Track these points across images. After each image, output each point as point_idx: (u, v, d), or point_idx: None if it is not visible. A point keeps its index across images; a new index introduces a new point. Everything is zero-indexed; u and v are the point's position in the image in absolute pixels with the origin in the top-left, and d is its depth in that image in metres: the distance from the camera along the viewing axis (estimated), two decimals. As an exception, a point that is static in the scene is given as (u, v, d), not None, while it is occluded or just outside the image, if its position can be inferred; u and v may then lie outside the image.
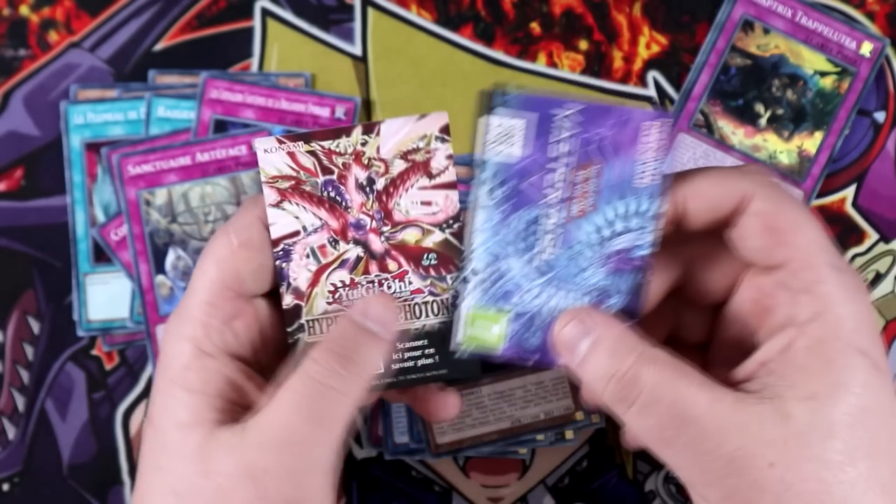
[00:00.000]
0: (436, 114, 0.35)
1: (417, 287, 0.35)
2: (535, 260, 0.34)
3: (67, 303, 0.49)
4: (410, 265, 0.36)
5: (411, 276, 0.35)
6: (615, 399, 0.32)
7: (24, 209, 0.49)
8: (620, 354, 0.32)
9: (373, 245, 0.36)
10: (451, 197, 0.35)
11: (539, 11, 0.50)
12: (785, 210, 0.33)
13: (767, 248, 0.33)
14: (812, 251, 0.32)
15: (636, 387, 0.32)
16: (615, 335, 0.33)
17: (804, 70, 0.49)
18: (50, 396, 0.49)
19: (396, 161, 0.35)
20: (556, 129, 0.33)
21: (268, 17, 0.50)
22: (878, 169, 0.50)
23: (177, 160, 0.47)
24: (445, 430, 0.39)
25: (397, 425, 0.43)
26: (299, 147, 0.35)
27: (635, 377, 0.32)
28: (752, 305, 0.34)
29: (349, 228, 0.35)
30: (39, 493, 0.48)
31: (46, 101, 0.49)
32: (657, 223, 0.33)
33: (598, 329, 0.33)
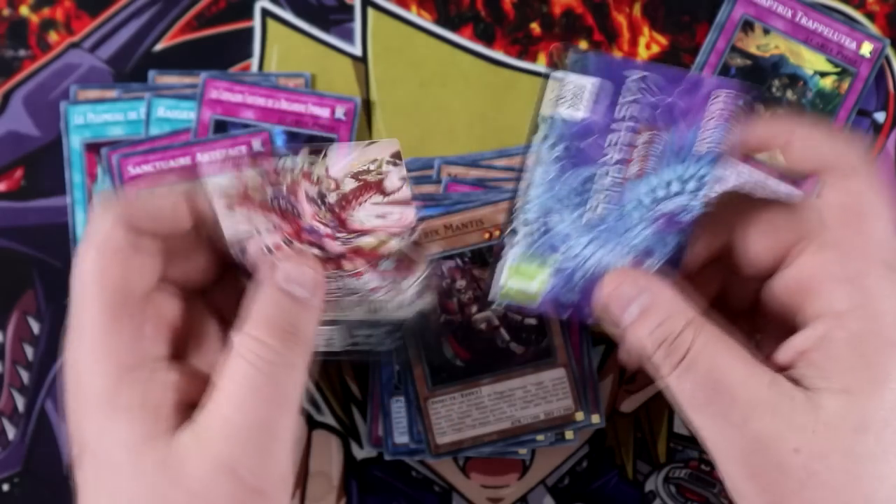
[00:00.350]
0: (386, 141, 0.34)
1: (375, 286, 0.35)
2: (586, 216, 0.34)
3: (67, 303, 0.49)
4: (367, 267, 0.35)
5: (368, 276, 0.35)
6: (661, 360, 0.33)
7: (24, 209, 0.49)
8: (672, 320, 0.33)
9: (328, 246, 0.34)
10: (408, 211, 0.34)
11: (539, 12, 0.50)
12: (858, 195, 0.33)
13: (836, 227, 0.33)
14: (868, 242, 0.32)
15: (680, 352, 0.32)
16: (667, 300, 0.33)
17: (804, 70, 0.49)
18: (50, 397, 0.49)
19: (347, 180, 0.34)
20: (624, 92, 0.33)
21: (268, 18, 0.50)
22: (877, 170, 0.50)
23: (177, 160, 0.47)
24: (445, 430, 0.39)
25: (397, 426, 0.43)
26: (245, 170, 0.34)
27: (682, 343, 0.32)
28: (796, 285, 0.34)
29: (303, 232, 0.34)
30: (39, 493, 0.48)
31: (46, 102, 0.49)
32: (710, 188, 0.33)
33: (652, 292, 0.33)
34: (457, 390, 0.39)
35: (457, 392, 0.39)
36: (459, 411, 0.39)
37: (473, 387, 0.39)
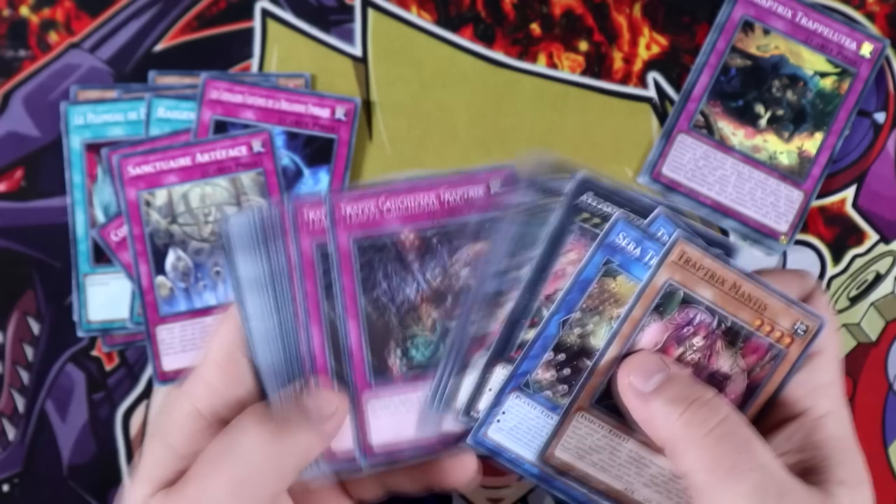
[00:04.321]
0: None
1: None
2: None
3: (67, 303, 0.49)
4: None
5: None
6: (694, 421, 0.33)
7: (24, 210, 0.49)
8: (701, 387, 0.35)
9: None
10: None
11: (539, 12, 0.50)
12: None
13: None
14: (830, 355, 0.36)
15: (718, 414, 0.34)
16: (687, 375, 0.35)
17: (804, 71, 0.49)
18: (50, 397, 0.49)
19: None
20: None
21: (268, 18, 0.50)
22: (878, 170, 0.50)
23: (177, 161, 0.47)
24: (570, 448, 0.36)
25: (517, 426, 0.38)
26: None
27: (719, 407, 0.34)
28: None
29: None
30: (39, 493, 0.48)
31: (46, 102, 0.49)
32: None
33: (672, 367, 0.35)
34: (610, 424, 0.36)
35: (608, 426, 0.36)
36: (594, 442, 0.36)
37: (625, 433, 0.36)
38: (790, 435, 0.36)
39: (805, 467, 0.35)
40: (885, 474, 0.49)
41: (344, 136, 0.49)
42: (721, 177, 0.48)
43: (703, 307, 0.35)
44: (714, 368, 0.36)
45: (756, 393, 0.36)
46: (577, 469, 0.36)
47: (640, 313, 0.35)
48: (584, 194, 0.35)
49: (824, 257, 0.49)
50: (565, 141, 0.50)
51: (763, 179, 0.48)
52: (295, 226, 0.35)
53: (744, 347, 0.36)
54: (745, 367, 0.36)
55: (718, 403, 0.34)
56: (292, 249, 0.35)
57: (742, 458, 0.33)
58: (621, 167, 0.49)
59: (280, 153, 0.48)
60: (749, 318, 0.35)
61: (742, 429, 0.34)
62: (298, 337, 0.36)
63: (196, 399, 0.35)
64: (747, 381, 0.36)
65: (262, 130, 0.48)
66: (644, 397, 0.34)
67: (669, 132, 0.49)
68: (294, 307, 0.35)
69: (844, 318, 0.49)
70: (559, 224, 0.35)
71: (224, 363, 0.35)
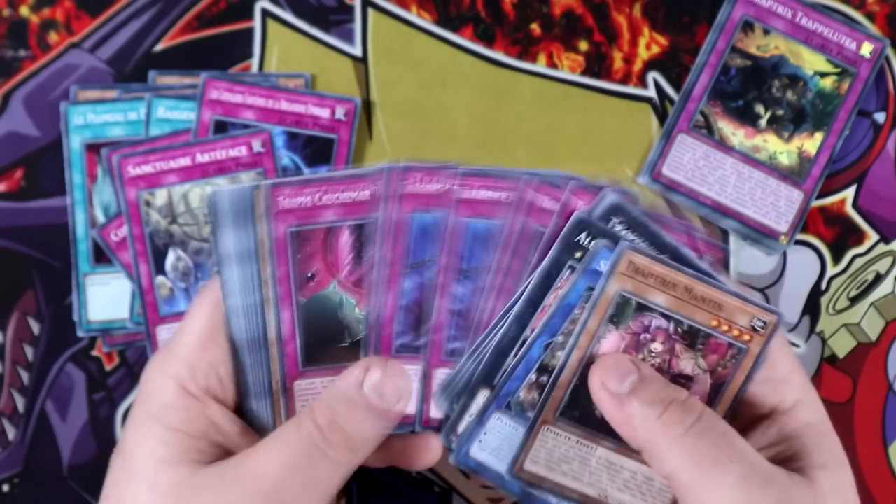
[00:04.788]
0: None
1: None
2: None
3: (67, 303, 0.49)
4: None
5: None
6: (672, 421, 0.34)
7: (24, 210, 0.49)
8: (675, 388, 0.35)
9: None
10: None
11: (539, 12, 0.50)
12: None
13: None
14: (778, 345, 0.37)
15: (694, 412, 0.34)
16: (659, 375, 0.36)
17: (804, 71, 0.49)
18: (50, 397, 0.49)
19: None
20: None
21: (268, 18, 0.50)
22: (878, 170, 0.50)
23: (177, 161, 0.47)
24: (539, 460, 0.37)
25: (486, 438, 0.39)
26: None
27: (694, 405, 0.34)
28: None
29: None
30: (39, 493, 0.48)
31: (46, 102, 0.49)
32: None
33: (644, 368, 0.35)
34: (577, 435, 0.37)
35: (576, 436, 0.37)
36: (563, 453, 0.37)
37: (593, 441, 0.37)
38: (765, 430, 0.36)
39: (784, 457, 0.35)
40: (885, 474, 0.49)
41: (344, 136, 0.49)
42: (721, 177, 0.48)
43: (658, 313, 0.36)
44: (677, 371, 0.36)
45: (722, 390, 0.37)
46: (548, 480, 0.37)
47: (595, 324, 0.36)
48: (580, 234, 0.36)
49: (824, 257, 0.49)
50: (565, 141, 0.50)
51: (763, 179, 0.48)
52: (268, 210, 0.36)
53: (704, 348, 0.36)
54: (708, 366, 0.36)
55: (693, 402, 0.35)
56: (264, 231, 0.36)
57: (723, 451, 0.33)
58: (621, 167, 0.49)
59: (280, 153, 0.48)
60: (705, 320, 0.36)
61: (718, 423, 0.34)
62: (268, 315, 0.36)
63: (181, 379, 0.35)
64: (711, 381, 0.36)
65: (262, 130, 0.48)
66: (620, 399, 0.35)
67: (669, 132, 0.49)
68: (269, 287, 0.36)
69: (844, 318, 0.49)
70: (553, 261, 0.36)
71: (204, 343, 0.36)
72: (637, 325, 0.36)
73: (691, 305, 0.36)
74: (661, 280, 0.35)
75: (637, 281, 0.35)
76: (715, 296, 0.36)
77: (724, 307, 0.36)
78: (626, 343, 0.36)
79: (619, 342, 0.36)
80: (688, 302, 0.36)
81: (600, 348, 0.36)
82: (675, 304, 0.36)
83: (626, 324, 0.36)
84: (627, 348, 0.36)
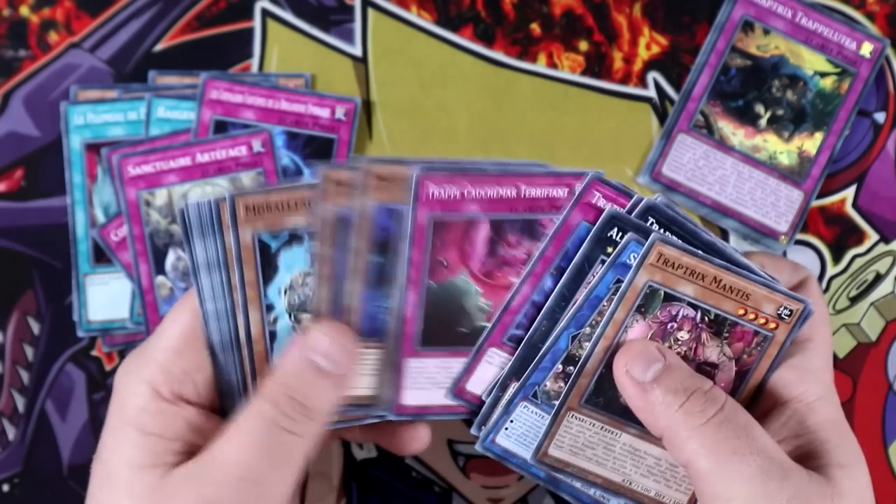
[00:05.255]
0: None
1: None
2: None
3: (67, 303, 0.49)
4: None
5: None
6: (694, 410, 0.34)
7: (24, 209, 0.49)
8: (699, 377, 0.35)
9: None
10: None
11: (539, 12, 0.50)
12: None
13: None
14: (820, 341, 0.37)
15: (717, 403, 0.34)
16: (685, 365, 0.36)
17: (804, 71, 0.49)
18: (50, 397, 0.49)
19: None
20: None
21: (268, 18, 0.50)
22: (878, 170, 0.50)
23: (177, 161, 0.47)
24: (563, 446, 0.37)
25: (512, 425, 0.39)
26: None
27: (718, 395, 0.34)
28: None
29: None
30: (39, 493, 0.48)
31: (46, 102, 0.49)
32: None
33: (670, 356, 0.35)
34: (602, 421, 0.37)
35: (601, 422, 0.37)
36: (587, 439, 0.37)
37: (617, 427, 0.37)
38: (785, 421, 0.36)
39: (802, 453, 0.35)
40: (885, 474, 0.49)
41: (344, 136, 0.49)
42: (721, 177, 0.48)
43: (686, 303, 0.36)
44: (702, 359, 0.36)
45: (747, 377, 0.37)
46: (573, 465, 0.37)
47: (623, 315, 0.36)
48: (612, 229, 0.36)
49: (824, 257, 0.49)
50: (565, 141, 0.50)
51: (763, 179, 0.48)
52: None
53: (730, 336, 0.36)
54: (733, 354, 0.37)
55: (716, 393, 0.35)
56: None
57: (743, 443, 0.33)
58: (621, 167, 0.49)
59: (280, 153, 0.48)
60: (732, 308, 0.36)
61: (740, 415, 0.34)
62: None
63: (155, 384, 0.35)
64: (736, 368, 0.36)
65: (262, 130, 0.48)
66: (642, 387, 0.35)
67: (669, 132, 0.49)
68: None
69: (844, 318, 0.49)
70: (585, 255, 0.36)
71: (181, 349, 0.36)
72: (664, 315, 0.36)
73: (719, 295, 0.36)
74: (691, 271, 0.35)
75: (666, 272, 0.35)
76: (743, 285, 0.36)
77: (751, 296, 0.36)
78: (652, 332, 0.36)
79: (646, 331, 0.36)
80: (715, 291, 0.36)
81: (626, 337, 0.36)
82: (702, 294, 0.36)
83: (654, 313, 0.36)
84: (654, 337, 0.36)
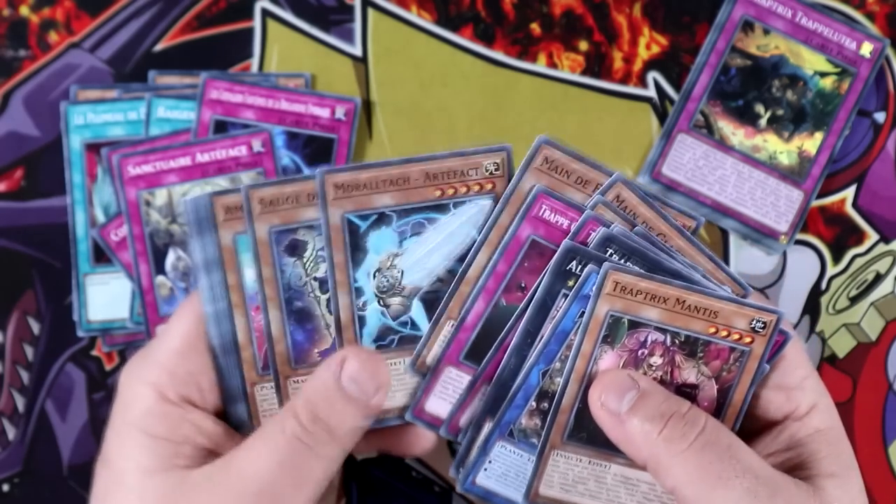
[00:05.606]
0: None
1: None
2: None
3: (67, 303, 0.49)
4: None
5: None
6: (674, 436, 0.33)
7: (24, 209, 0.49)
8: (675, 400, 0.35)
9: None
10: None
11: (539, 12, 0.50)
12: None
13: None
14: (794, 352, 0.37)
15: (697, 426, 0.34)
16: (660, 389, 0.35)
17: (804, 71, 0.49)
18: (50, 397, 0.49)
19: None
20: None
21: (268, 18, 0.50)
22: (878, 169, 0.50)
23: (177, 161, 0.47)
24: (554, 484, 0.36)
25: (491, 465, 0.39)
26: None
27: (697, 417, 0.34)
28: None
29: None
30: (39, 493, 0.48)
31: (46, 102, 0.49)
32: None
33: (644, 382, 0.35)
34: (588, 454, 0.36)
35: (587, 456, 0.36)
36: (577, 474, 0.36)
37: (605, 459, 0.36)
38: (776, 436, 0.36)
39: (793, 465, 0.35)
40: (885, 474, 0.49)
41: (344, 136, 0.49)
42: (721, 177, 0.48)
43: (653, 327, 0.35)
44: (680, 381, 0.36)
45: (730, 394, 0.36)
46: (566, 502, 0.37)
47: (590, 347, 0.35)
48: (571, 262, 0.35)
49: (824, 257, 0.49)
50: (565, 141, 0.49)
51: (763, 179, 0.48)
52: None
53: (705, 355, 0.36)
54: (712, 373, 0.36)
55: (696, 414, 0.34)
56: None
57: (727, 466, 0.33)
58: (621, 167, 0.49)
59: (280, 153, 0.48)
60: (702, 328, 0.35)
61: (723, 436, 0.34)
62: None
63: (160, 386, 0.35)
64: (717, 385, 0.36)
65: (262, 130, 0.48)
66: (619, 418, 0.34)
67: (669, 132, 0.49)
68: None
69: (844, 318, 0.49)
70: (546, 291, 0.36)
71: (186, 351, 0.35)
72: (633, 342, 0.35)
73: (686, 316, 0.35)
74: (651, 295, 0.35)
75: (626, 299, 0.35)
76: (709, 303, 0.35)
77: (719, 313, 0.35)
78: (623, 360, 0.36)
79: (617, 360, 0.36)
80: (681, 313, 0.35)
81: (598, 369, 0.36)
82: (668, 317, 0.35)
83: (622, 342, 0.35)
84: (626, 365, 0.36)
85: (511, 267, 0.36)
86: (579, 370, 0.35)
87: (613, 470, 0.36)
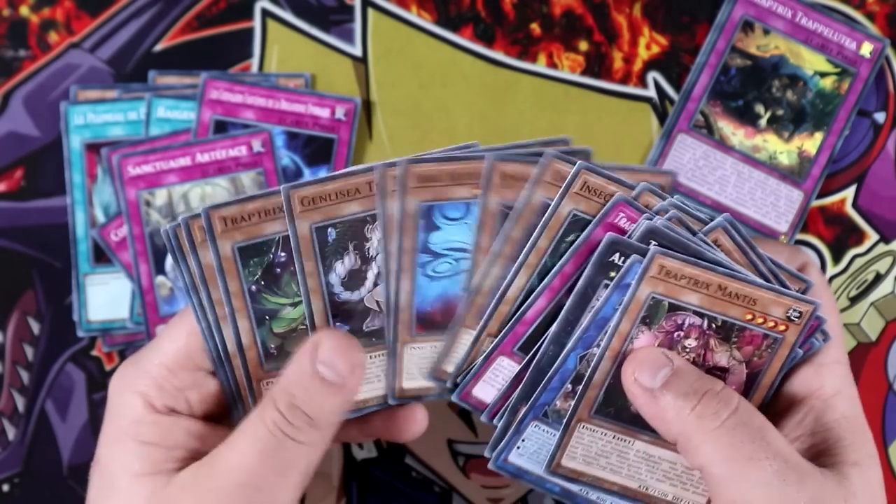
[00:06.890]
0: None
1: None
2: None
3: (67, 303, 0.49)
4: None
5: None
6: (706, 413, 0.33)
7: (24, 209, 0.49)
8: (709, 379, 0.35)
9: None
10: None
11: (539, 12, 0.50)
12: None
13: None
14: (832, 331, 0.37)
15: (730, 405, 0.33)
16: (693, 368, 0.35)
17: (804, 71, 0.49)
18: (50, 397, 0.49)
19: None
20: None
21: (268, 18, 0.50)
22: (877, 169, 0.50)
23: (177, 161, 0.47)
24: (577, 456, 0.37)
25: (525, 443, 0.39)
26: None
27: (730, 397, 0.34)
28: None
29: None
30: (39, 493, 0.48)
31: (46, 102, 0.49)
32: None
33: (678, 359, 0.35)
34: (614, 430, 0.36)
35: (612, 431, 0.37)
36: (600, 448, 0.37)
37: (630, 436, 0.36)
38: (801, 418, 0.36)
39: (818, 451, 0.35)
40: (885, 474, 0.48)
41: (344, 136, 0.49)
42: (721, 177, 0.48)
43: (691, 311, 0.36)
44: (712, 364, 0.36)
45: (758, 379, 0.36)
46: (587, 475, 0.37)
47: (628, 326, 0.36)
48: (614, 254, 0.35)
49: (824, 257, 0.50)
50: (565, 141, 0.50)
51: (763, 179, 0.48)
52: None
53: (738, 340, 0.36)
54: (743, 357, 0.36)
55: (729, 394, 0.34)
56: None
57: (758, 447, 0.33)
58: (621, 167, 0.49)
59: (280, 153, 0.48)
60: (739, 314, 0.36)
61: (755, 417, 0.34)
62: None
63: (148, 397, 0.35)
64: (747, 370, 0.36)
65: (262, 130, 0.48)
66: (652, 394, 0.34)
67: (669, 132, 0.49)
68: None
69: (844, 318, 0.49)
70: (588, 281, 0.36)
71: (175, 368, 0.36)
72: (670, 324, 0.36)
73: (725, 302, 0.35)
74: (694, 280, 0.35)
75: (669, 283, 0.35)
76: (749, 291, 0.35)
77: (758, 301, 0.35)
78: (659, 341, 0.36)
79: (653, 341, 0.36)
80: (721, 299, 0.35)
81: (633, 347, 0.36)
82: (708, 302, 0.35)
83: (659, 323, 0.36)
84: (661, 346, 0.36)
85: (578, 269, 0.36)
86: (614, 348, 0.36)
87: (637, 446, 0.37)
